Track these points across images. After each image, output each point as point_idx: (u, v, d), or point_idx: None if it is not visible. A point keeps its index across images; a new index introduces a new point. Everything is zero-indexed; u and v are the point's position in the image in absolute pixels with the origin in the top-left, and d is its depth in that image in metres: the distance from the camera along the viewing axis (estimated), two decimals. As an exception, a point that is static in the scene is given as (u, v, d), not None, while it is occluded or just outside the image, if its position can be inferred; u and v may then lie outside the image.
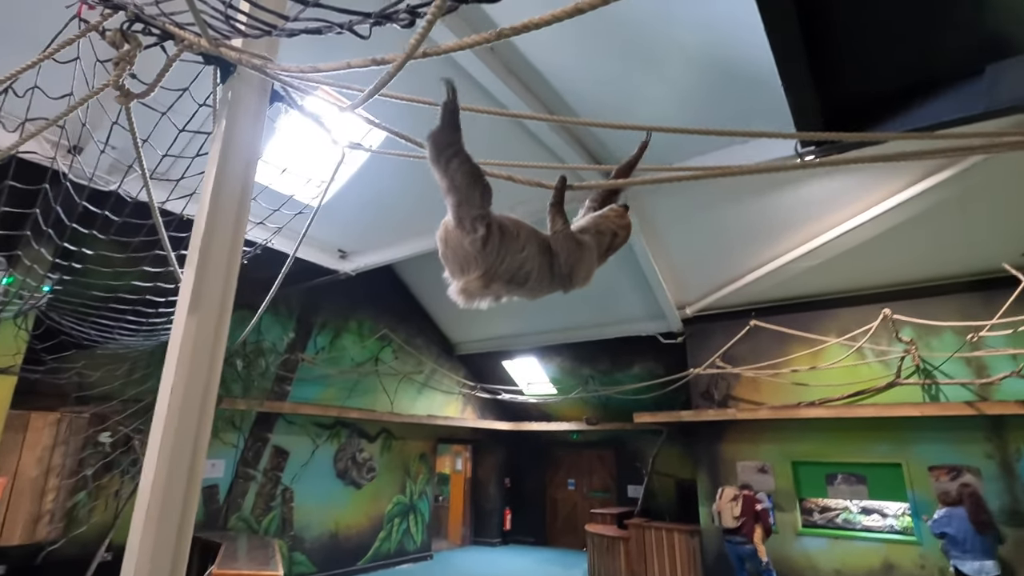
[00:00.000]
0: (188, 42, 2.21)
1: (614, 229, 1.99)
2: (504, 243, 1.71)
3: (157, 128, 2.77)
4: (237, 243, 2.35)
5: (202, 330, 2.23)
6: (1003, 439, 5.66)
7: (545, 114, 4.61)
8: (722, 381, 7.45)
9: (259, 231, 3.55)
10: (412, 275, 9.05)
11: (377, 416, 8.23)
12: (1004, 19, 2.04)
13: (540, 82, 4.40)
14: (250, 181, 2.44)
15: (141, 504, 1.86)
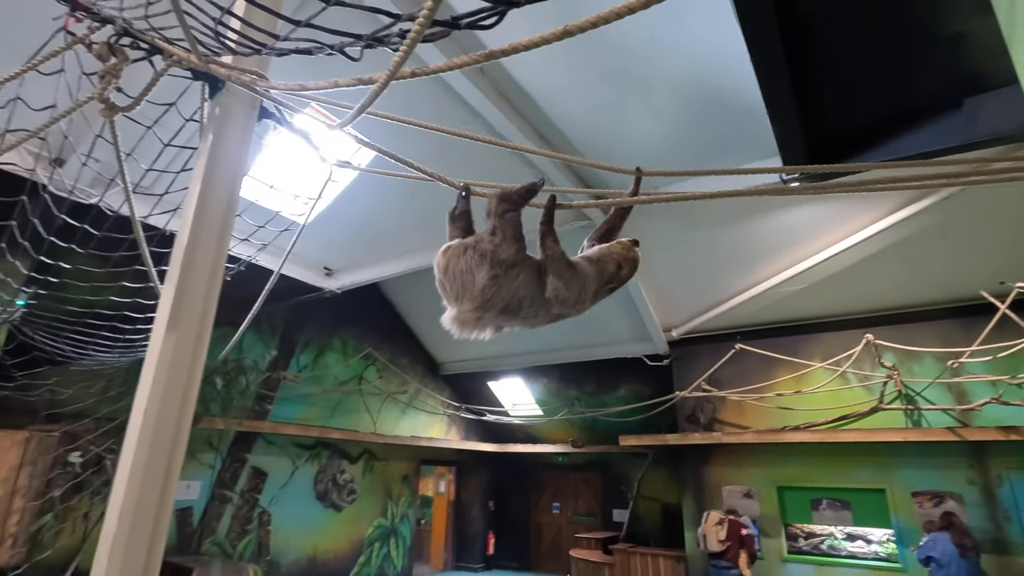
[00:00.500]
0: (177, 57, 2.19)
1: (619, 260, 1.95)
2: (505, 281, 1.72)
3: (142, 142, 2.73)
4: (219, 260, 2.30)
5: (180, 348, 2.16)
6: (984, 465, 5.70)
7: (535, 137, 4.66)
8: (708, 404, 7.45)
9: (243, 247, 3.51)
10: (398, 294, 8.99)
11: (359, 436, 8.08)
12: (980, 56, 2.11)
13: (530, 105, 4.45)
14: (235, 198, 2.40)
15: (109, 528, 1.78)
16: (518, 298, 1.73)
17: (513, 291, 1.72)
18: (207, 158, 2.35)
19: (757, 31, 2.41)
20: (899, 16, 2.16)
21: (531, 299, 1.75)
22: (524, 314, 1.77)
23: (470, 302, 1.71)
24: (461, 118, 4.48)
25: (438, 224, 5.93)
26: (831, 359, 6.26)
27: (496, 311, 1.73)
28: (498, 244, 1.70)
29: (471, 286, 1.71)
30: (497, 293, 1.69)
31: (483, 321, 1.73)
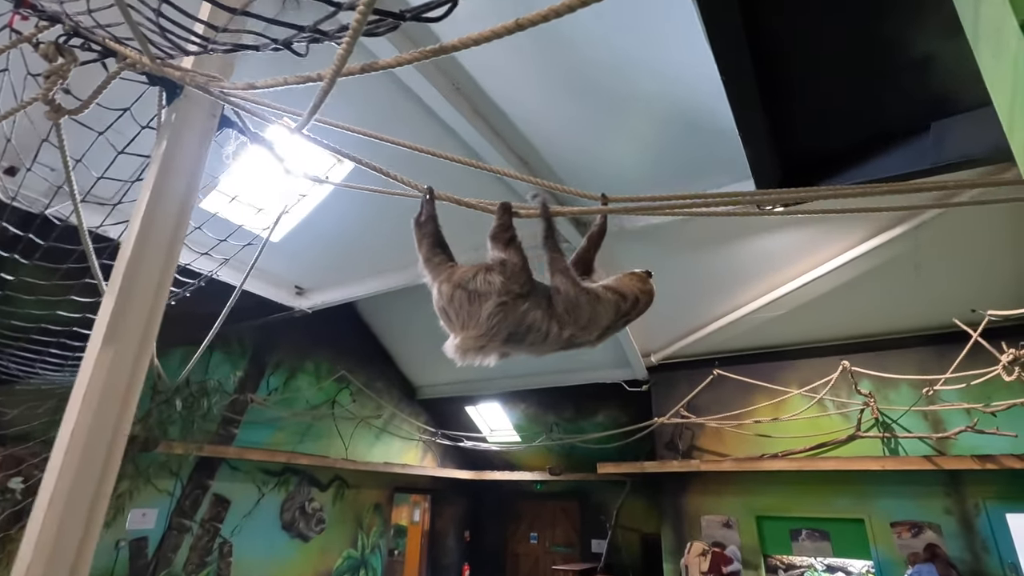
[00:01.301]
0: (131, 60, 2.10)
1: (636, 294, 1.89)
2: (510, 310, 1.69)
3: (103, 151, 2.62)
4: (167, 274, 2.17)
5: (117, 366, 2.01)
6: (961, 494, 5.67)
7: (511, 156, 4.63)
8: (686, 431, 7.35)
9: (204, 262, 3.37)
10: (375, 315, 8.82)
11: (330, 463, 7.79)
12: (948, 79, 2.12)
13: (506, 124, 4.42)
14: (187, 209, 2.28)
15: (23, 560, 1.60)
16: (525, 325, 1.68)
17: (519, 318, 1.67)
18: (159, 166, 2.25)
19: (727, 53, 2.40)
20: (867, 39, 2.17)
21: (538, 326, 1.69)
22: (530, 340, 1.71)
23: (475, 330, 1.68)
24: (435, 134, 4.44)
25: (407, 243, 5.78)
26: (808, 386, 6.24)
27: (501, 340, 1.68)
28: (509, 275, 1.69)
29: (477, 315, 1.68)
30: (503, 321, 1.65)
31: (487, 349, 1.69)
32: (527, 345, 1.75)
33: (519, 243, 1.79)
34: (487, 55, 3.95)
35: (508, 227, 1.81)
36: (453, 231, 2.25)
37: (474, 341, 1.70)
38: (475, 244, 2.70)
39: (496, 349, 1.74)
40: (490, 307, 1.69)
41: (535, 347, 1.76)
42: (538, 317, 1.69)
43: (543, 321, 1.70)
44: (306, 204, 4.90)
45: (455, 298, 1.75)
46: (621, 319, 1.83)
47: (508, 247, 1.76)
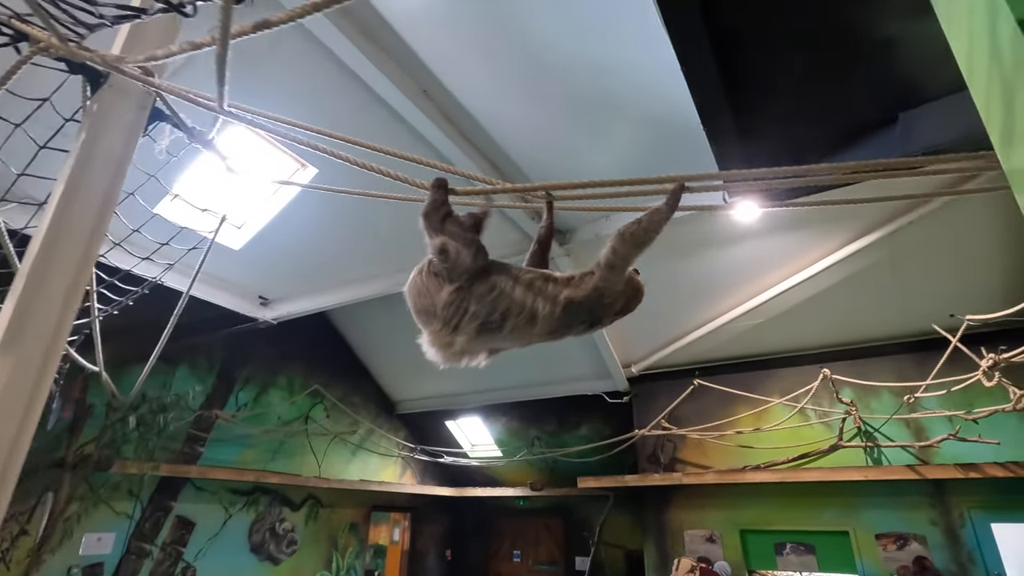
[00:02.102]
0: (44, 44, 1.95)
1: (637, 291, 1.75)
2: (472, 289, 1.55)
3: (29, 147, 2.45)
4: (80, 278, 1.99)
5: (17, 377, 1.83)
6: (946, 505, 5.55)
7: (484, 162, 4.51)
8: (668, 444, 7.20)
9: (148, 267, 3.18)
10: (350, 327, 8.61)
11: (302, 481, 7.52)
12: (914, 65, 2.02)
13: (476, 128, 4.31)
14: (108, 208, 2.11)
15: None
16: (499, 311, 1.51)
17: (490, 304, 1.52)
18: (75, 160, 2.07)
19: (687, 48, 2.30)
20: (832, 25, 2.07)
21: (517, 310, 1.52)
22: (511, 327, 1.53)
23: (436, 324, 1.54)
24: (405, 139, 4.31)
25: (385, 253, 5.67)
26: (789, 395, 6.12)
27: (473, 331, 1.52)
28: (453, 259, 1.54)
29: (434, 308, 1.55)
30: (463, 309, 1.51)
31: (457, 344, 1.54)
32: (508, 333, 1.55)
33: (457, 218, 1.64)
34: (456, 58, 3.85)
35: (441, 204, 1.66)
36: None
37: (440, 336, 1.56)
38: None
39: (473, 345, 1.57)
40: (444, 298, 1.55)
41: (519, 335, 1.57)
42: (514, 302, 1.52)
43: (522, 306, 1.52)
44: (268, 209, 4.73)
45: (411, 296, 1.63)
46: (617, 310, 1.65)
47: (444, 224, 1.61)
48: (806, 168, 1.67)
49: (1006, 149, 0.71)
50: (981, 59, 0.72)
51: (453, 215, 1.66)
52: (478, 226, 1.83)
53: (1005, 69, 0.67)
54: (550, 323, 1.55)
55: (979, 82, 0.74)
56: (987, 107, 0.74)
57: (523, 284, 1.56)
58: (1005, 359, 4.23)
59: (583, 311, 1.57)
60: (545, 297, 1.54)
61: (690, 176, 1.78)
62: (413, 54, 3.83)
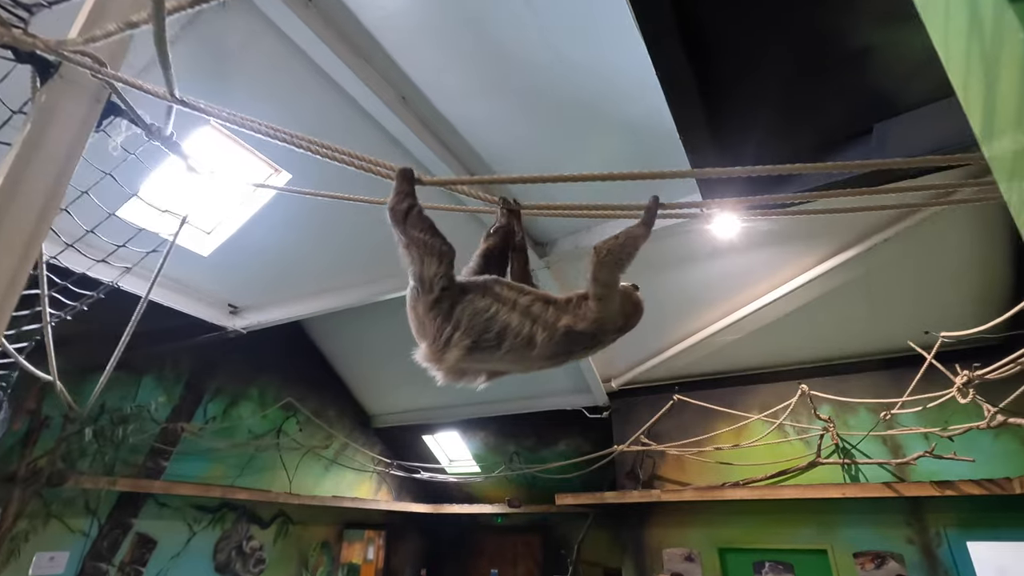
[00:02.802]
0: (-14, 30, 1.84)
1: (636, 307, 1.76)
2: (462, 303, 1.47)
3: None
4: (17, 280, 1.88)
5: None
6: (923, 523, 5.54)
7: (461, 169, 4.44)
8: (648, 460, 7.11)
9: (105, 270, 3.04)
10: (326, 338, 8.42)
11: (272, 497, 7.27)
12: (888, 75, 2.01)
13: (453, 135, 4.25)
14: (51, 207, 1.99)
15: None
16: (495, 331, 1.42)
17: (484, 323, 1.43)
18: (16, 154, 1.96)
19: (663, 56, 2.27)
20: (809, 31, 2.05)
21: (514, 332, 1.42)
22: (507, 348, 1.43)
23: (426, 340, 1.48)
24: (381, 145, 4.23)
25: (362, 261, 5.52)
26: (768, 411, 6.09)
27: (464, 348, 1.43)
28: (421, 264, 1.48)
29: (418, 323, 1.51)
30: (451, 323, 1.43)
31: (448, 360, 1.45)
32: (507, 352, 1.46)
33: (423, 217, 1.54)
34: (435, 64, 3.80)
35: (405, 196, 1.57)
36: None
37: (430, 352, 1.50)
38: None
39: (469, 363, 1.49)
40: (422, 309, 1.48)
41: (520, 355, 1.47)
42: (516, 321, 1.45)
43: (519, 324, 1.45)
44: (239, 215, 4.59)
45: (407, 298, 1.58)
46: (616, 329, 1.63)
47: (406, 219, 1.52)
48: (791, 167, 1.62)
49: (987, 134, 0.65)
50: (958, 33, 0.66)
51: (419, 212, 1.57)
52: (505, 240, 1.83)
53: (985, 43, 0.61)
54: (550, 347, 1.48)
55: (956, 59, 0.68)
56: (965, 88, 0.68)
57: (521, 307, 1.49)
58: (979, 376, 4.23)
59: (585, 338, 1.53)
60: (544, 324, 1.47)
61: (665, 205, 1.73)
62: (391, 60, 3.78)
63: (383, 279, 5.66)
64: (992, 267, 5.15)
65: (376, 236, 5.30)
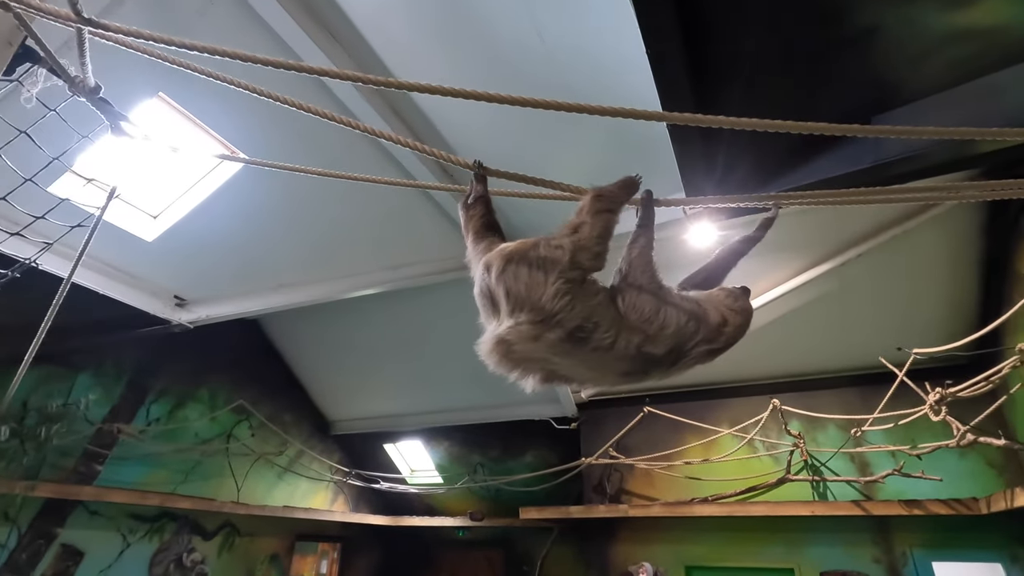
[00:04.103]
0: None
1: (722, 313, 1.54)
2: (581, 292, 1.39)
3: None
4: None
5: None
6: (889, 542, 5.49)
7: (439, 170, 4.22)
8: (615, 473, 6.93)
9: (19, 244, 2.70)
10: (285, 338, 8.00)
11: (217, 506, 6.79)
12: (890, 61, 1.88)
13: (428, 126, 4.03)
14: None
15: None
16: (593, 321, 1.34)
17: (590, 309, 1.35)
18: None
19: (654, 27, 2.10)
20: (809, 12, 1.91)
21: (606, 327, 1.35)
22: (595, 344, 1.34)
23: (531, 313, 1.31)
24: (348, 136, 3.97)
25: (327, 255, 5.12)
26: (739, 425, 5.99)
27: (562, 332, 1.31)
28: (579, 243, 1.38)
29: (537, 292, 1.32)
30: (569, 307, 1.32)
31: (541, 344, 1.33)
32: (590, 350, 1.35)
33: (610, 218, 1.52)
34: (410, 49, 3.58)
35: (612, 199, 1.55)
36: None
37: (529, 329, 1.33)
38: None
39: (552, 347, 1.35)
40: (556, 284, 1.34)
41: (599, 357, 1.37)
42: (607, 316, 1.36)
43: (612, 324, 1.36)
44: (191, 198, 4.25)
45: (507, 272, 1.37)
46: (700, 342, 1.48)
47: (599, 215, 1.47)
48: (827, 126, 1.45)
49: None
50: None
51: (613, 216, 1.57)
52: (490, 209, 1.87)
53: None
54: (627, 359, 1.39)
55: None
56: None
57: (615, 308, 1.48)
58: (951, 393, 4.19)
59: (665, 359, 1.47)
60: (626, 325, 1.40)
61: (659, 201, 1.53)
62: (363, 40, 3.54)
63: (351, 276, 5.36)
64: (961, 286, 5.18)
65: (344, 228, 5.01)
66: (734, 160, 2.73)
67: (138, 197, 4.24)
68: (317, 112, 1.61)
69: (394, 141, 1.66)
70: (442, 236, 5.02)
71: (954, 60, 1.71)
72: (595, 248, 1.41)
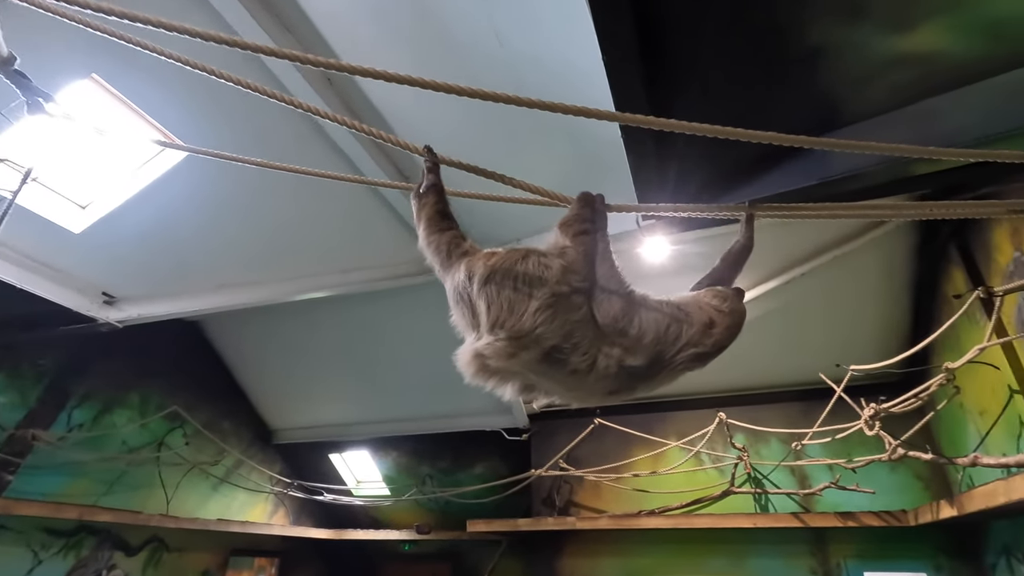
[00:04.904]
0: None
1: (709, 315, 1.55)
2: (562, 308, 1.37)
3: None
4: None
5: None
6: (825, 553, 5.66)
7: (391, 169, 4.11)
8: (565, 486, 6.91)
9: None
10: (227, 342, 7.63)
11: (144, 519, 6.35)
12: (837, 81, 1.93)
13: (383, 127, 3.92)
14: None
15: None
16: (572, 342, 1.31)
17: (571, 326, 1.32)
18: None
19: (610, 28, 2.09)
20: (762, 29, 1.95)
21: (586, 346, 1.33)
22: (574, 366, 1.31)
23: (510, 331, 1.27)
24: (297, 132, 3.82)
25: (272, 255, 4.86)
26: (686, 438, 6.08)
27: (539, 352, 1.28)
28: (570, 262, 1.37)
29: (522, 309, 1.29)
30: (551, 324, 1.29)
31: (517, 362, 1.29)
32: (568, 373, 1.33)
33: (593, 239, 1.51)
34: (368, 44, 3.48)
35: (587, 220, 1.54)
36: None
37: (507, 345, 1.29)
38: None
39: (527, 366, 1.33)
40: (541, 299, 1.30)
41: (578, 379, 1.35)
42: (587, 336, 1.33)
43: (591, 344, 1.33)
44: (125, 189, 3.97)
45: (491, 282, 1.34)
46: (684, 346, 1.47)
47: (577, 237, 1.47)
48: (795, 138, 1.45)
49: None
50: None
51: (592, 236, 1.55)
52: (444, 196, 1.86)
53: None
54: (608, 378, 1.38)
55: None
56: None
57: (594, 324, 1.44)
58: (885, 409, 4.37)
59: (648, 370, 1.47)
60: (603, 338, 1.37)
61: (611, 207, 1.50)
62: (317, 33, 3.42)
63: (299, 278, 5.15)
64: (895, 306, 5.44)
65: (291, 228, 4.82)
66: (687, 175, 2.76)
67: (65, 185, 3.94)
68: (248, 85, 1.51)
69: (330, 119, 1.57)
70: (397, 241, 4.90)
71: (896, 84, 1.77)
72: (584, 269, 1.42)
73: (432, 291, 5.99)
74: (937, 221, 4.39)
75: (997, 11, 1.42)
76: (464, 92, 1.41)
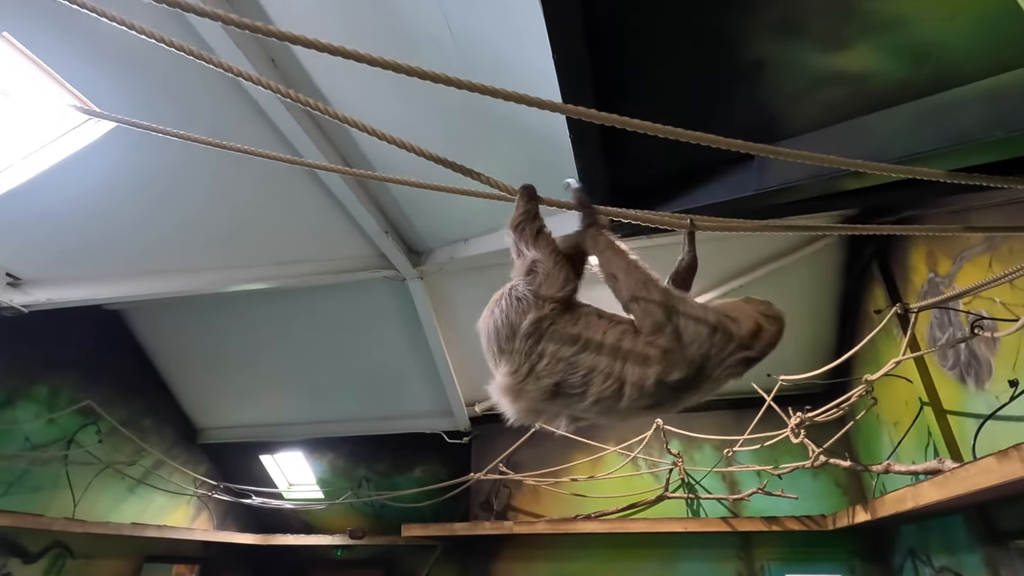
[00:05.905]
0: None
1: (756, 320, 1.48)
2: (551, 335, 1.28)
3: None
4: None
5: None
6: (750, 556, 5.86)
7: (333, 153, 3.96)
8: (504, 490, 6.87)
9: None
10: (151, 332, 7.15)
11: (46, 523, 5.83)
12: (774, 95, 2.00)
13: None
14: None
15: None
16: (579, 376, 1.22)
17: (571, 365, 1.26)
18: None
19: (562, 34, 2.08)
20: (706, 42, 1.98)
21: (607, 381, 1.21)
22: (596, 396, 1.21)
23: (509, 364, 1.28)
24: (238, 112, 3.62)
25: (204, 242, 4.58)
26: (624, 443, 6.17)
27: (548, 385, 1.22)
28: (541, 280, 1.32)
29: (511, 340, 1.28)
30: (542, 351, 1.25)
31: (528, 396, 1.27)
32: (592, 403, 1.24)
33: (549, 235, 1.45)
34: (315, 28, 3.34)
35: (534, 216, 1.46)
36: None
37: (510, 381, 1.30)
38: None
39: (545, 401, 1.30)
40: (526, 326, 1.27)
41: (608, 405, 1.25)
42: (602, 360, 1.22)
43: (609, 367, 1.23)
44: (37, 161, 3.64)
45: (488, 319, 1.36)
46: (735, 350, 1.40)
47: (537, 240, 1.41)
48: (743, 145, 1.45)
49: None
50: None
51: (548, 233, 1.47)
52: (579, 260, 1.59)
53: None
54: (645, 399, 1.27)
55: None
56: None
57: (609, 343, 1.28)
58: (809, 418, 4.58)
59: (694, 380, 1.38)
60: (643, 367, 1.27)
61: (544, 200, 1.47)
62: (264, 13, 3.25)
63: (231, 268, 4.89)
64: (823, 321, 5.73)
65: (228, 216, 4.55)
66: (631, 184, 2.79)
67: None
68: (173, 44, 1.38)
69: (255, 82, 1.47)
70: (340, 236, 4.74)
71: (828, 101, 1.84)
72: (558, 279, 1.38)
73: (376, 288, 5.88)
74: (862, 241, 4.63)
75: (923, 36, 1.50)
76: (401, 69, 1.34)
